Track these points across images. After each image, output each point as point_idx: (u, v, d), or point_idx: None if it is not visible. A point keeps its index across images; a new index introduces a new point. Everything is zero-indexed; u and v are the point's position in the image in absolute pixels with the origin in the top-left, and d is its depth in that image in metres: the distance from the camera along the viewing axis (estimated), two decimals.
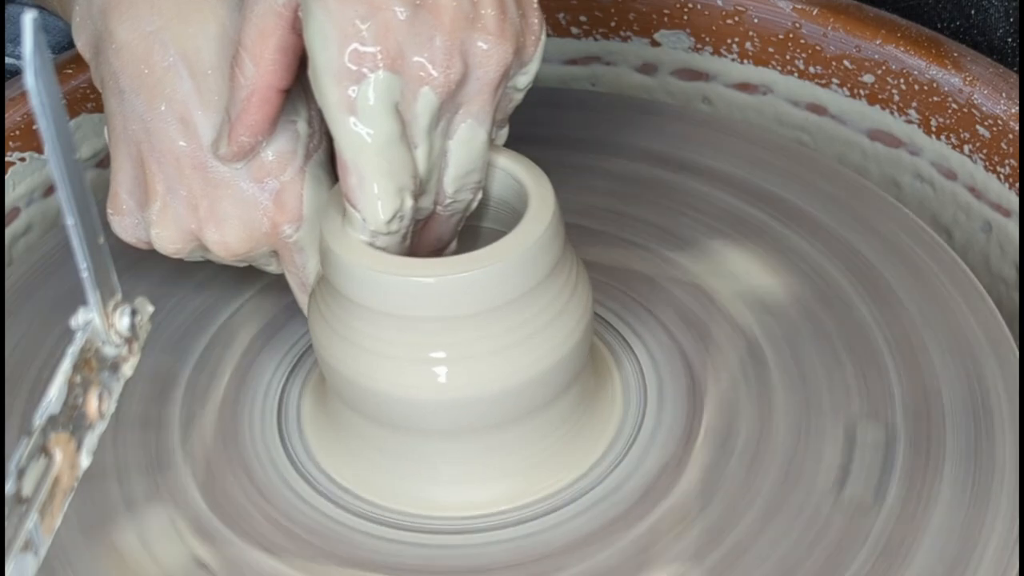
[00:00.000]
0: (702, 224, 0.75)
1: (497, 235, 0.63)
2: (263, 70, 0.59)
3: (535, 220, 0.59)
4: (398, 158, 0.58)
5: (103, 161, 0.84)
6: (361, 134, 0.57)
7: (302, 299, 0.66)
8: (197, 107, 0.62)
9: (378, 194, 0.58)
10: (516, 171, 0.62)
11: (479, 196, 0.63)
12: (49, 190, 0.82)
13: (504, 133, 0.65)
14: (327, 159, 0.64)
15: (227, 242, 0.63)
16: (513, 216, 0.62)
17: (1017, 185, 0.76)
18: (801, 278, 0.72)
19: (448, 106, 0.59)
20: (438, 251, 0.65)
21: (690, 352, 0.68)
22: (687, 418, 0.65)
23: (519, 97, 0.63)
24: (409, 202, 0.59)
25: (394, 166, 0.58)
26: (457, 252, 0.65)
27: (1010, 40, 0.85)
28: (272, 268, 0.67)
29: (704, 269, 0.72)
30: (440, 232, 0.64)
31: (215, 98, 0.62)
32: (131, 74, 0.62)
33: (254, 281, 0.72)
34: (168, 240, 0.64)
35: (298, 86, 0.61)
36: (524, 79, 0.62)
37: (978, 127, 0.78)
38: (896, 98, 0.81)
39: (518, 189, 0.62)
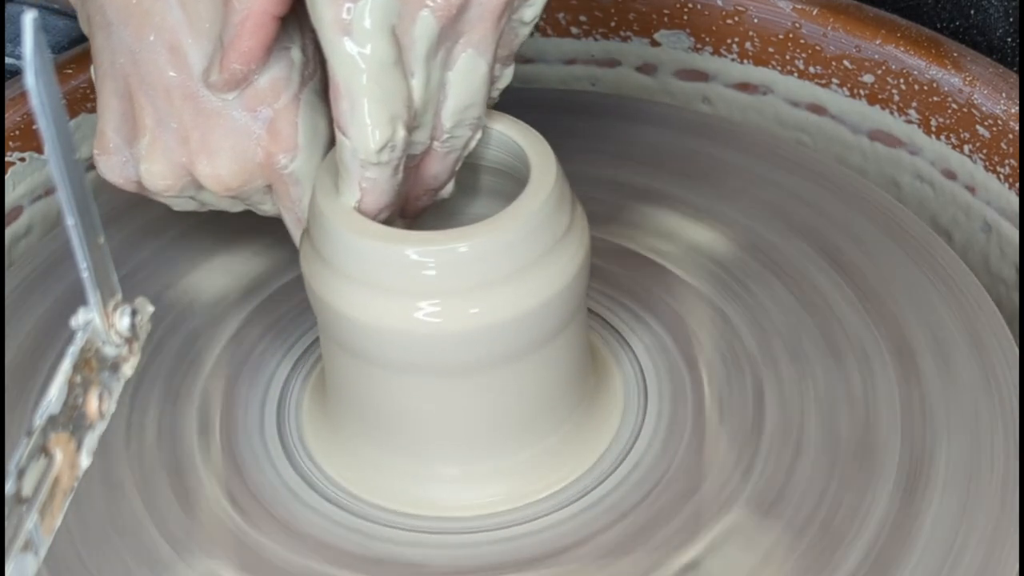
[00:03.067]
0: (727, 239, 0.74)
1: (499, 174, 0.62)
2: None
3: (536, 190, 0.58)
4: (392, 84, 0.56)
5: None
6: (355, 56, 0.55)
7: (297, 235, 0.64)
8: (187, 35, 0.60)
9: (369, 121, 0.56)
10: (515, 136, 0.61)
11: (478, 134, 0.61)
12: (48, 191, 0.82)
13: (509, 72, 0.63)
14: (322, 89, 0.62)
15: (220, 175, 0.61)
16: (516, 166, 0.60)
17: (1017, 185, 0.76)
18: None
19: (448, 33, 0.57)
20: (434, 191, 0.63)
21: (707, 392, 0.66)
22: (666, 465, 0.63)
23: (525, 32, 0.61)
24: (401, 133, 0.57)
25: (387, 92, 0.56)
26: (456, 191, 0.64)
27: (1010, 40, 0.85)
28: (267, 207, 0.65)
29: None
30: (437, 170, 0.62)
31: (206, 26, 0.60)
32: (118, 5, 0.60)
33: None
34: (158, 175, 0.62)
35: (293, 14, 0.59)
36: (530, 11, 0.60)
37: (978, 127, 0.78)
38: (896, 98, 0.81)
39: (517, 150, 0.60)
